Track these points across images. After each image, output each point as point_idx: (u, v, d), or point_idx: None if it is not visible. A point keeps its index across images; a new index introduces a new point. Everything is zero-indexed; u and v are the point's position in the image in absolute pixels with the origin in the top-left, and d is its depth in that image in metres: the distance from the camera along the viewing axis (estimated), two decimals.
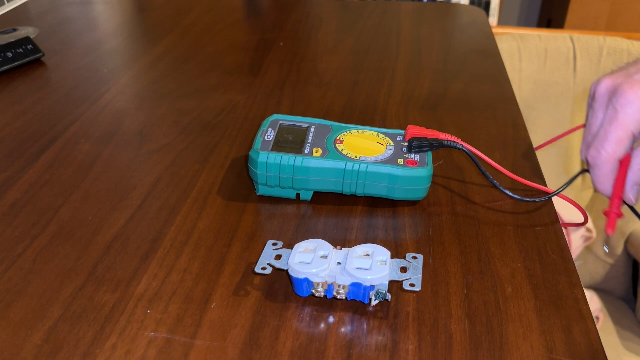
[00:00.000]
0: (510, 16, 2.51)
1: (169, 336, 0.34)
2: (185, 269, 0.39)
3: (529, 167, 0.51)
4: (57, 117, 0.59)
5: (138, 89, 0.66)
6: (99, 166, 0.50)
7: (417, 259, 0.37)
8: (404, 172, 0.43)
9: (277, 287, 0.37)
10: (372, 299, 0.35)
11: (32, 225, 0.43)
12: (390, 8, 0.94)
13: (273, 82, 0.67)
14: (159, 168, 0.50)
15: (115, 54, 0.76)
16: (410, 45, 0.78)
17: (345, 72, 0.70)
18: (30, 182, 0.48)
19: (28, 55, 0.70)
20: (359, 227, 0.43)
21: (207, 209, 0.45)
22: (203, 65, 0.72)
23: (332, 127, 0.47)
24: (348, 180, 0.44)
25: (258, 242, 0.42)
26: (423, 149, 0.45)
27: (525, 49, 1.35)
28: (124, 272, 0.39)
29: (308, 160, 0.43)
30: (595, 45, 1.37)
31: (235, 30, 0.85)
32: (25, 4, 0.95)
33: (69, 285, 0.38)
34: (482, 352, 0.33)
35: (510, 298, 0.37)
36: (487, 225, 0.44)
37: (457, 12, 0.94)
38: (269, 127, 0.46)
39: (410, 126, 0.47)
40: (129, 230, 0.43)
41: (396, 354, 0.33)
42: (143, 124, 0.58)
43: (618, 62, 1.35)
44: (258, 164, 0.43)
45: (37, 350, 0.33)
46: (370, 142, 0.46)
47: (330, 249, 0.36)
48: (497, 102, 0.63)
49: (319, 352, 0.33)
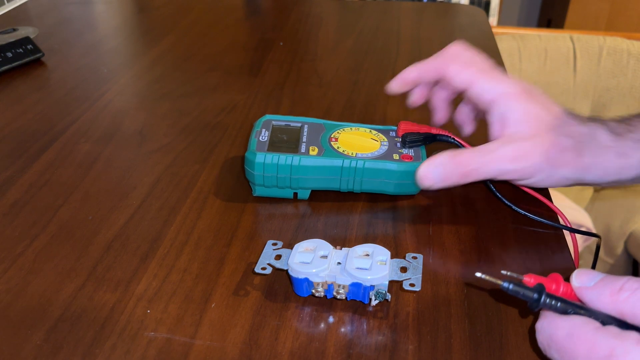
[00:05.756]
0: (510, 16, 2.51)
1: (168, 336, 0.34)
2: (185, 269, 0.39)
3: None
4: (57, 117, 0.59)
5: (138, 89, 0.66)
6: (98, 166, 0.50)
7: (417, 259, 0.37)
8: (400, 167, 0.44)
9: (277, 287, 0.37)
10: (372, 299, 0.35)
11: (32, 225, 0.43)
12: (390, 8, 0.94)
13: (273, 82, 0.67)
14: (159, 168, 0.50)
15: (115, 54, 0.76)
16: (410, 45, 0.78)
17: (345, 72, 0.70)
18: (30, 182, 0.48)
19: (28, 55, 0.70)
20: (359, 226, 0.43)
21: (207, 209, 0.45)
22: (203, 65, 0.72)
23: (325, 126, 0.48)
24: (346, 177, 0.44)
25: (258, 242, 0.42)
26: (417, 143, 0.46)
27: (525, 49, 1.35)
28: (124, 272, 0.39)
29: (305, 159, 0.43)
30: (595, 45, 1.36)
31: (235, 30, 0.85)
32: (25, 4, 0.95)
33: (69, 285, 0.38)
34: (482, 352, 0.33)
35: (510, 298, 0.37)
36: (487, 225, 0.44)
37: (457, 12, 0.94)
38: (263, 128, 0.47)
39: (402, 122, 0.47)
40: (129, 230, 0.43)
41: (396, 354, 0.33)
42: (143, 124, 0.58)
43: (618, 62, 1.35)
44: (255, 165, 0.43)
45: (37, 350, 0.33)
46: (365, 139, 0.46)
47: (330, 249, 0.36)
48: None
49: (319, 352, 0.33)
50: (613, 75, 1.35)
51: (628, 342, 0.25)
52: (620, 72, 1.34)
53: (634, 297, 0.27)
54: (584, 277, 0.30)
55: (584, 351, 0.27)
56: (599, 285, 0.29)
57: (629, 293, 0.27)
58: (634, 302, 0.27)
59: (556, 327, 0.28)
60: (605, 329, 0.27)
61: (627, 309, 0.27)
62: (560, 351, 0.28)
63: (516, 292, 0.30)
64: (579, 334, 0.27)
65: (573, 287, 0.30)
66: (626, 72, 1.34)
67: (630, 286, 0.27)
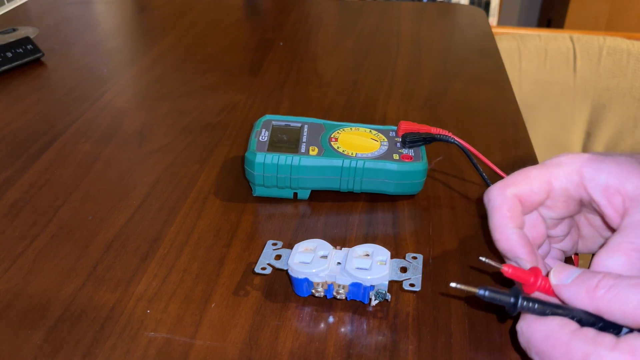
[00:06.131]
0: (510, 16, 2.51)
1: (168, 336, 0.34)
2: (185, 269, 0.39)
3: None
4: (57, 117, 0.59)
5: (138, 89, 0.66)
6: (98, 166, 0.50)
7: (417, 259, 0.37)
8: (400, 167, 0.44)
9: (277, 287, 0.37)
10: (372, 299, 0.35)
11: (32, 225, 0.43)
12: (390, 8, 0.94)
13: (273, 82, 0.67)
14: (159, 168, 0.50)
15: (115, 54, 0.76)
16: (410, 45, 0.78)
17: (345, 72, 0.70)
18: (30, 182, 0.48)
19: (28, 55, 0.70)
20: (359, 226, 0.43)
21: (206, 209, 0.45)
22: (203, 65, 0.72)
23: (325, 126, 0.48)
24: (346, 177, 0.44)
25: (258, 242, 0.42)
26: (417, 143, 0.46)
27: (525, 49, 1.35)
28: (124, 272, 0.39)
29: (305, 159, 0.43)
30: (595, 45, 1.37)
31: (235, 30, 0.85)
32: (25, 4, 0.95)
33: (69, 285, 0.38)
34: (482, 352, 0.33)
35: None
36: (487, 225, 0.43)
37: (457, 12, 0.94)
38: (263, 128, 0.47)
39: (402, 121, 0.47)
40: (129, 230, 0.43)
41: (396, 354, 0.33)
42: (143, 124, 0.58)
43: (618, 62, 1.35)
44: (255, 165, 0.43)
45: (37, 350, 0.33)
46: (365, 138, 0.46)
47: (330, 249, 0.36)
48: (497, 102, 0.63)
49: (319, 352, 0.33)
50: (613, 75, 1.35)
51: (602, 348, 0.26)
52: (620, 72, 1.34)
53: (610, 294, 0.27)
54: (561, 274, 0.30)
55: (560, 355, 0.27)
56: (576, 282, 0.29)
57: (605, 290, 0.27)
58: (609, 299, 0.27)
59: (534, 330, 0.28)
60: (582, 332, 0.27)
61: (604, 306, 0.27)
62: (539, 354, 0.28)
63: (493, 299, 0.29)
64: (555, 337, 0.27)
65: (552, 284, 0.30)
66: (626, 72, 1.34)
67: (606, 283, 0.27)
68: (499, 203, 0.34)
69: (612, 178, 0.32)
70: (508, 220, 0.34)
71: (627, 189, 0.32)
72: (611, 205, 0.33)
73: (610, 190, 0.32)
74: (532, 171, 0.35)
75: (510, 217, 0.34)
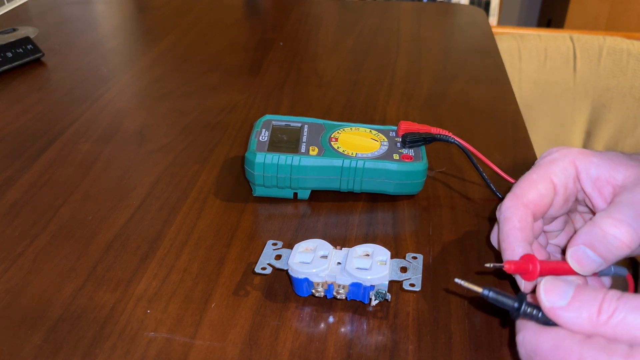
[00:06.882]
0: (510, 16, 2.51)
1: (168, 336, 0.34)
2: (185, 269, 0.39)
3: (529, 167, 0.51)
4: (57, 117, 0.59)
5: (138, 89, 0.66)
6: (98, 166, 0.50)
7: (417, 259, 0.37)
8: (400, 167, 0.44)
9: (277, 287, 0.37)
10: (372, 299, 0.35)
11: (32, 225, 0.43)
12: (390, 8, 0.94)
13: (273, 82, 0.67)
14: (158, 168, 0.50)
15: (115, 54, 0.76)
16: (410, 45, 0.78)
17: (345, 72, 0.70)
18: (30, 182, 0.48)
19: (28, 55, 0.70)
20: (359, 226, 0.43)
21: (206, 209, 0.45)
22: (203, 65, 0.72)
23: (325, 126, 0.48)
24: (346, 177, 0.44)
25: (258, 242, 0.42)
26: (417, 143, 0.46)
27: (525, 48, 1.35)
28: (124, 272, 0.39)
29: (306, 159, 0.43)
30: (595, 45, 1.37)
31: (235, 30, 0.85)
32: (25, 4, 0.95)
33: (69, 285, 0.38)
34: (482, 352, 0.33)
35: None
36: (487, 225, 0.44)
37: (457, 12, 0.94)
38: (263, 128, 0.47)
39: (402, 121, 0.47)
40: (129, 230, 0.43)
41: (396, 354, 0.33)
42: (143, 124, 0.58)
43: (618, 62, 1.35)
44: (255, 165, 0.43)
45: (37, 350, 0.33)
46: (365, 138, 0.46)
47: (330, 249, 0.36)
48: (497, 102, 0.63)
49: (319, 352, 0.33)
50: (613, 75, 1.35)
51: (616, 356, 0.25)
52: (620, 72, 1.34)
53: (615, 320, 0.26)
54: (554, 295, 0.27)
55: None
56: (574, 306, 0.27)
57: (608, 316, 0.26)
58: (615, 325, 0.26)
59: (540, 340, 0.27)
60: (592, 340, 0.26)
61: (609, 332, 0.26)
62: None
63: (496, 300, 0.29)
64: (565, 346, 0.26)
65: (543, 308, 0.28)
66: (626, 72, 1.34)
67: (609, 307, 0.26)
68: (510, 214, 0.34)
69: (602, 170, 0.34)
70: (517, 232, 0.34)
71: (616, 179, 0.33)
72: (602, 196, 0.34)
73: (601, 182, 0.34)
74: (533, 175, 0.36)
75: (519, 228, 0.34)
